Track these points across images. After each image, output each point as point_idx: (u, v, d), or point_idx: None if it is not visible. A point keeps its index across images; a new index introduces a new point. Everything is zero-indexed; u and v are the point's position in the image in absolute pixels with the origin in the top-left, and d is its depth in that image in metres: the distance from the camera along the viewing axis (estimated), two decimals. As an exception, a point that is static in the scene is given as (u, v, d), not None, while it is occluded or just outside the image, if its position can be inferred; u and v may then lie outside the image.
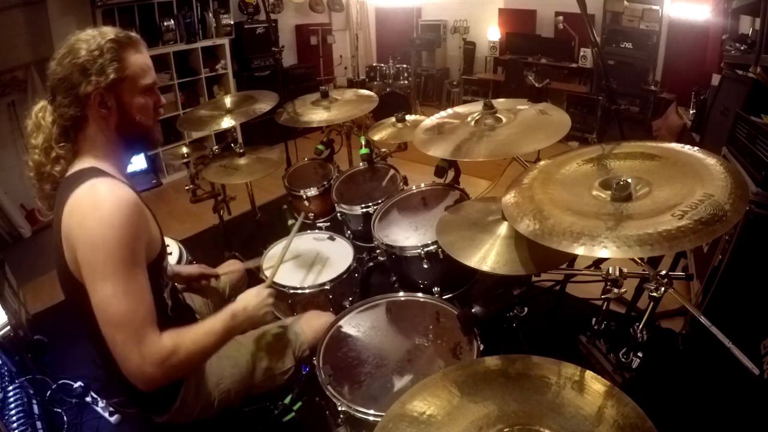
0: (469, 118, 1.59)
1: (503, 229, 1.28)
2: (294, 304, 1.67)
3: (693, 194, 0.89)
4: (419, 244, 1.57)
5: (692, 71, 4.05)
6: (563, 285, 1.68)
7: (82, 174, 0.98)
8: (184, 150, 2.33)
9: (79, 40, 0.99)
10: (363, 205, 1.93)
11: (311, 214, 2.22)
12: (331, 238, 1.93)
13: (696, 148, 1.06)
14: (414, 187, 1.97)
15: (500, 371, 0.92)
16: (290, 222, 2.30)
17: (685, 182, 0.94)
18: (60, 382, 1.92)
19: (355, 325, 1.40)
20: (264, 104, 2.23)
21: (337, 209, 2.03)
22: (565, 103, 4.76)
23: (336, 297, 1.67)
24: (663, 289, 1.00)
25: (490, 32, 5.53)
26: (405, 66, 5.42)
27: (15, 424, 1.61)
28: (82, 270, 0.91)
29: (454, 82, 5.90)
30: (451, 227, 1.41)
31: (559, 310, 1.81)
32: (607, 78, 1.65)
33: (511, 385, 0.88)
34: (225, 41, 4.39)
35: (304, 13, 5.59)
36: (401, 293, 1.51)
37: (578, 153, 1.21)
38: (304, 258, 1.81)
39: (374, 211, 1.87)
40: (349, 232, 2.03)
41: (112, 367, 0.97)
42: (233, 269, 1.70)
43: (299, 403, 1.32)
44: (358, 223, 1.99)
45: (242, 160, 2.23)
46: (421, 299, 1.48)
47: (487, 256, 1.22)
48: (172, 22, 3.90)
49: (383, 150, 2.37)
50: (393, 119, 2.26)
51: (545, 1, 5.08)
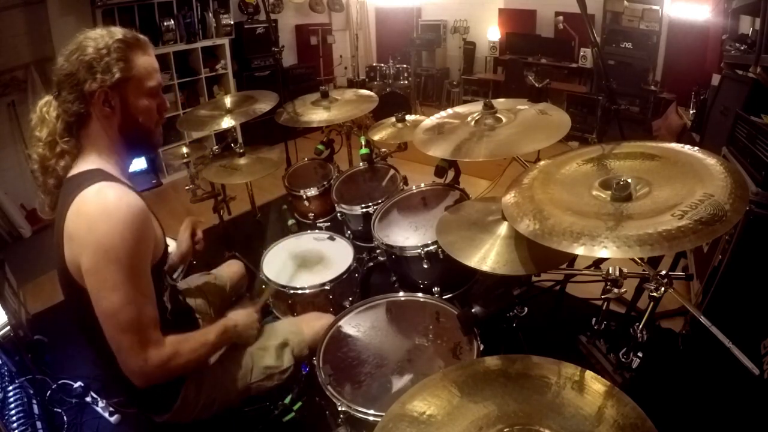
0: (469, 118, 1.59)
1: (503, 229, 1.28)
2: (294, 304, 1.67)
3: (693, 194, 0.89)
4: (419, 244, 1.57)
5: (692, 71, 4.05)
6: (563, 285, 1.68)
7: (88, 175, 0.98)
8: (184, 150, 2.33)
9: (87, 38, 1.00)
10: (363, 205, 1.93)
11: (311, 214, 2.22)
12: (331, 238, 1.93)
13: (696, 148, 1.06)
14: (414, 187, 1.97)
15: (500, 371, 0.92)
16: (290, 222, 2.30)
17: (685, 182, 0.94)
18: (60, 382, 1.92)
19: (355, 325, 1.40)
20: (264, 104, 2.23)
21: (337, 209, 2.03)
22: (565, 103, 4.76)
23: (336, 297, 1.67)
24: (663, 289, 0.99)
25: (490, 32, 5.53)
26: (405, 66, 5.42)
27: (15, 424, 1.61)
28: (86, 276, 0.92)
29: (454, 82, 5.90)
30: (451, 227, 1.41)
31: (559, 310, 1.81)
32: (607, 78, 1.65)
33: (511, 385, 0.88)
34: (225, 41, 4.39)
35: (304, 13, 5.60)
36: (401, 293, 1.51)
37: (578, 153, 1.21)
38: (304, 258, 1.81)
39: (374, 211, 1.86)
40: (349, 232, 2.03)
41: (110, 366, 0.98)
42: (233, 267, 1.71)
43: (299, 403, 1.32)
44: (358, 223, 1.99)
45: (242, 160, 2.23)
46: (421, 299, 1.48)
47: (487, 256, 1.22)
48: (172, 22, 3.90)
49: (383, 150, 2.36)
50: (393, 119, 2.26)
51: (545, 1, 5.08)
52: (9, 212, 3.27)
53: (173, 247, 1.63)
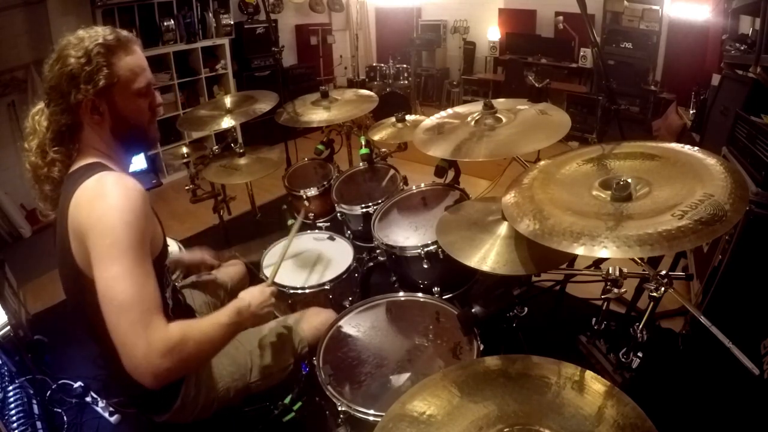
0: (469, 118, 1.59)
1: (503, 229, 1.28)
2: (294, 304, 1.66)
3: (693, 194, 0.89)
4: (419, 244, 1.57)
5: (692, 71, 4.05)
6: (563, 285, 1.68)
7: (88, 168, 0.98)
8: (184, 150, 2.33)
9: (68, 46, 0.97)
10: (363, 205, 1.93)
11: (311, 214, 2.22)
12: (331, 238, 1.93)
13: (696, 148, 1.06)
14: (414, 187, 1.97)
15: (500, 371, 0.92)
16: (290, 222, 2.30)
17: (685, 182, 0.94)
18: (60, 382, 1.92)
19: (355, 325, 1.40)
20: (264, 104, 2.23)
21: (337, 209, 2.03)
22: (565, 103, 4.76)
23: (336, 297, 1.67)
24: (663, 289, 1.00)
25: (490, 32, 5.53)
26: (405, 66, 5.42)
27: (15, 424, 1.61)
28: (91, 257, 0.89)
29: (454, 82, 5.90)
30: (451, 227, 1.41)
31: (559, 310, 1.81)
32: (607, 78, 1.65)
33: (511, 385, 0.88)
34: (225, 41, 4.39)
35: (304, 13, 5.59)
36: (401, 293, 1.51)
37: (578, 153, 1.21)
38: (305, 258, 1.81)
39: (374, 211, 1.86)
40: (349, 232, 2.03)
41: (114, 365, 0.95)
42: (234, 267, 1.71)
43: (299, 403, 1.32)
44: (358, 223, 1.99)
45: (242, 160, 2.23)
46: (421, 299, 1.48)
47: (487, 256, 1.22)
48: (172, 22, 3.90)
49: (383, 150, 2.36)
50: (393, 119, 2.26)
51: (545, 1, 5.08)
52: (9, 212, 3.27)
53: (173, 246, 1.63)
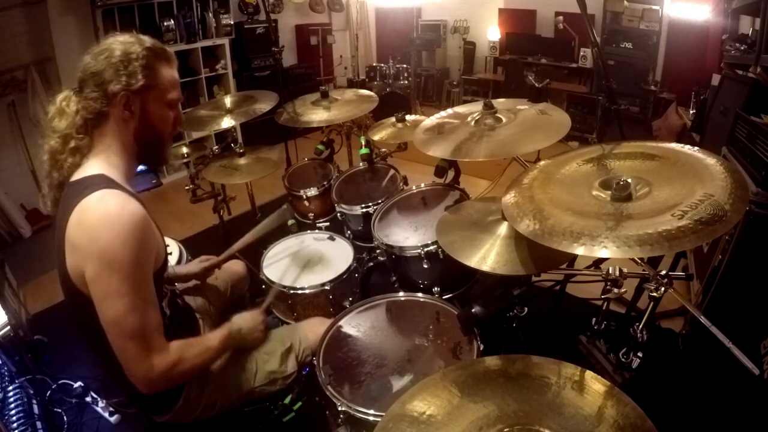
0: (469, 118, 1.59)
1: (503, 229, 1.28)
2: (294, 305, 1.66)
3: (693, 194, 0.89)
4: (419, 244, 1.57)
5: (692, 71, 4.05)
6: (563, 285, 1.68)
7: (91, 181, 0.98)
8: (184, 150, 2.33)
9: (116, 41, 1.02)
10: (363, 205, 1.93)
11: (311, 214, 2.22)
12: (331, 238, 1.93)
13: (696, 148, 1.06)
14: (414, 187, 1.97)
15: (500, 371, 0.92)
16: (290, 222, 2.30)
17: (685, 182, 0.94)
18: (60, 382, 1.92)
19: (355, 325, 1.40)
20: (264, 104, 2.23)
21: (337, 209, 2.03)
22: (565, 103, 4.76)
23: (336, 297, 1.67)
24: (663, 289, 1.00)
25: (490, 32, 5.53)
26: (405, 66, 5.42)
27: (15, 424, 1.61)
28: (90, 285, 0.93)
29: (454, 82, 5.90)
30: (451, 227, 1.41)
31: (559, 310, 1.81)
32: (607, 78, 1.65)
33: (511, 385, 0.88)
34: (225, 41, 4.39)
35: (304, 13, 5.59)
36: (401, 293, 1.51)
37: (578, 153, 1.21)
38: (305, 258, 1.81)
39: (374, 211, 1.86)
40: (349, 232, 2.03)
41: (113, 370, 0.98)
42: (234, 268, 1.71)
43: (299, 403, 1.32)
44: (358, 223, 1.99)
45: (242, 160, 2.23)
46: (421, 299, 1.48)
47: (487, 256, 1.22)
48: (172, 22, 3.90)
49: (383, 150, 2.36)
50: (393, 119, 2.26)
51: (545, 1, 5.08)
52: (9, 212, 3.27)
53: (174, 246, 1.63)
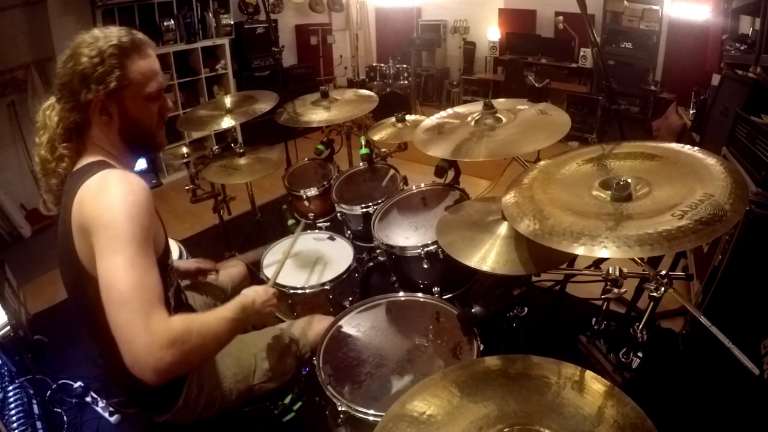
0: (469, 118, 1.59)
1: (503, 229, 1.28)
2: (294, 304, 1.67)
3: (693, 194, 0.89)
4: (419, 244, 1.57)
5: (692, 71, 4.05)
6: (563, 285, 1.68)
7: (92, 166, 0.98)
8: (184, 150, 2.33)
9: (82, 44, 0.97)
10: (363, 205, 1.93)
11: (311, 214, 2.22)
12: (331, 238, 1.93)
13: (696, 148, 1.06)
14: (414, 187, 1.97)
15: (500, 371, 0.92)
16: (290, 222, 2.30)
17: (685, 182, 0.94)
18: (60, 382, 1.92)
19: (355, 325, 1.40)
20: (264, 104, 2.23)
21: (337, 209, 2.03)
22: (565, 103, 4.76)
23: (336, 297, 1.67)
24: (663, 289, 1.00)
25: (490, 32, 5.53)
26: (405, 66, 5.42)
27: (15, 424, 1.61)
28: (95, 251, 0.88)
29: (454, 82, 5.90)
30: (451, 227, 1.41)
31: (559, 310, 1.81)
32: (607, 78, 1.65)
33: (511, 385, 0.88)
34: (225, 41, 4.39)
35: (304, 13, 5.59)
36: (401, 293, 1.51)
37: (578, 153, 1.21)
38: (305, 258, 1.81)
39: (374, 211, 1.86)
40: (349, 232, 2.03)
41: (115, 365, 0.94)
42: (235, 268, 1.71)
43: (299, 403, 1.32)
44: (358, 223, 1.99)
45: (242, 160, 2.23)
46: (421, 299, 1.48)
47: (487, 256, 1.22)
48: (172, 22, 3.90)
49: (383, 150, 2.36)
50: (393, 119, 2.26)
51: (545, 1, 5.08)
52: (9, 212, 3.27)
53: (176, 252, 1.64)
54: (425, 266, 1.56)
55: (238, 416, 1.28)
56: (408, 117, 2.26)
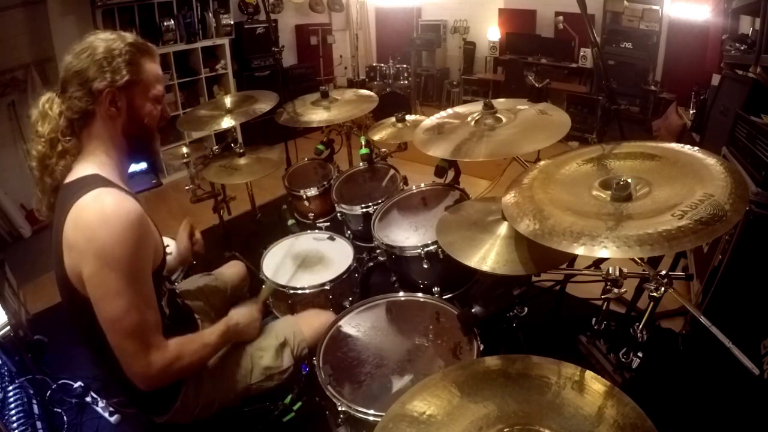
0: (469, 118, 1.59)
1: (503, 229, 1.28)
2: (294, 305, 1.66)
3: (693, 194, 0.89)
4: (419, 244, 1.57)
5: (692, 71, 4.05)
6: (563, 285, 1.68)
7: (86, 182, 0.98)
8: (184, 150, 2.32)
9: (98, 39, 1.01)
10: (363, 205, 1.93)
11: (311, 214, 2.22)
12: (331, 238, 1.93)
13: (696, 148, 1.06)
14: (414, 187, 1.97)
15: (500, 371, 0.92)
16: (290, 222, 2.30)
17: (685, 182, 0.94)
18: (60, 382, 1.92)
19: (355, 325, 1.40)
20: (264, 104, 2.23)
21: (337, 209, 2.03)
22: (565, 103, 4.76)
23: (336, 297, 1.67)
24: (663, 289, 0.99)
25: (490, 32, 5.53)
26: (405, 66, 5.42)
27: (15, 424, 1.61)
28: (88, 284, 0.92)
29: (454, 82, 5.90)
30: (451, 227, 1.41)
31: (559, 310, 1.81)
32: (607, 78, 1.65)
33: (511, 385, 0.88)
34: (225, 41, 4.39)
35: (304, 13, 5.60)
36: (401, 293, 1.51)
37: (578, 153, 1.21)
38: (305, 258, 1.81)
39: (374, 211, 1.86)
40: (349, 232, 2.03)
41: (112, 369, 0.98)
42: (235, 268, 1.71)
43: (299, 403, 1.32)
44: (358, 223, 1.99)
45: (242, 160, 2.23)
46: (421, 299, 1.48)
47: (487, 256, 1.22)
48: (172, 22, 3.90)
49: (383, 150, 2.36)
50: (393, 119, 2.26)
51: (545, 1, 5.08)
52: (9, 212, 3.27)
53: (173, 247, 1.64)
54: (425, 266, 1.56)
55: (238, 416, 1.28)
56: (408, 117, 2.26)
